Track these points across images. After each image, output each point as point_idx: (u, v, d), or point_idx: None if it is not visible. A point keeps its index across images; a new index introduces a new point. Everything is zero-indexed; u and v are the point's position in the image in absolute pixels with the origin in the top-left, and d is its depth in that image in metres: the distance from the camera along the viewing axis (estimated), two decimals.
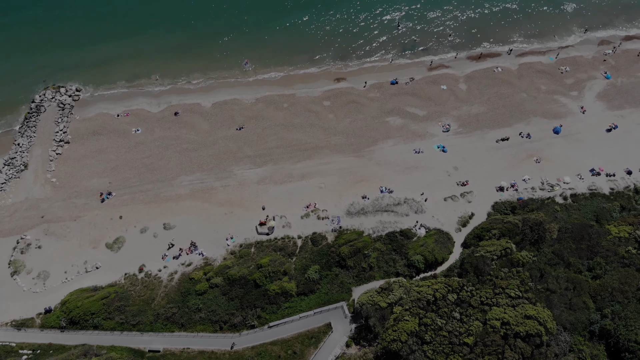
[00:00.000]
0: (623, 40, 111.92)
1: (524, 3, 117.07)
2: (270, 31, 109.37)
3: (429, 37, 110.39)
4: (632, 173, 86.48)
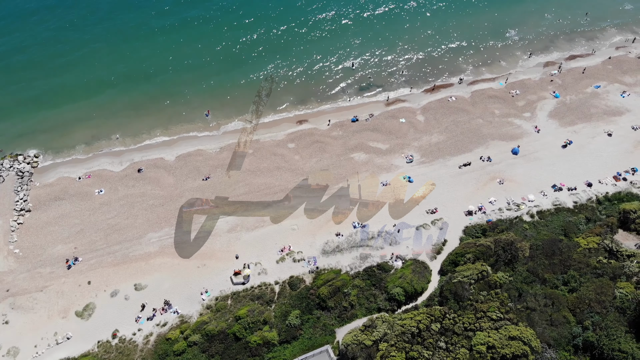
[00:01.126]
0: (566, 60, 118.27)
1: (470, 37, 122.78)
2: (230, 82, 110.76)
3: (384, 75, 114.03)
4: (592, 185, 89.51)
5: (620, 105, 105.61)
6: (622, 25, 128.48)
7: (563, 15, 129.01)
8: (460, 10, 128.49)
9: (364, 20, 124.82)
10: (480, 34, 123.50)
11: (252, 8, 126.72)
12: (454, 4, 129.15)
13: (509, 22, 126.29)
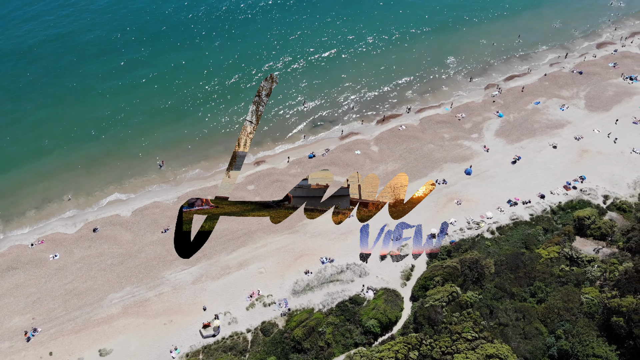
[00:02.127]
0: (505, 81, 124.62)
1: (413, 68, 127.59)
2: (182, 130, 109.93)
3: (335, 112, 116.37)
4: (545, 196, 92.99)
5: (560, 118, 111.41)
6: (553, 43, 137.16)
7: (497, 39, 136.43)
8: (400, 45, 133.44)
9: (311, 63, 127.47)
10: (422, 64, 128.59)
11: (202, 61, 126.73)
12: (394, 41, 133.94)
13: (448, 51, 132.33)
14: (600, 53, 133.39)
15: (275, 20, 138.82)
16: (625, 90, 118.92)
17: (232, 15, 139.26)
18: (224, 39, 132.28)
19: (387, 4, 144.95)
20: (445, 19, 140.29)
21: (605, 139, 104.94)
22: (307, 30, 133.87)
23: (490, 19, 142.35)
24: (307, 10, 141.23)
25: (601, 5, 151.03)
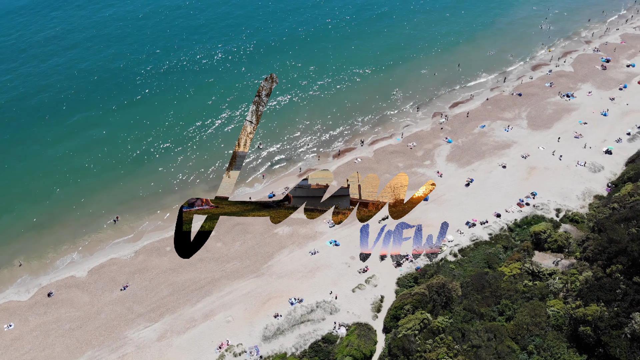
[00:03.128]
0: (451, 108, 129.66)
1: (362, 103, 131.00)
2: (135, 183, 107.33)
3: (291, 150, 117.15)
4: (500, 215, 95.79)
5: (506, 139, 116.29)
6: (491, 69, 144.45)
7: (438, 69, 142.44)
8: (350, 85, 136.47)
9: (266, 109, 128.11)
10: (371, 99, 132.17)
11: (153, 116, 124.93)
12: (344, 82, 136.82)
13: (394, 85, 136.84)
14: (536, 74, 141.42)
15: (227, 70, 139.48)
16: (563, 107, 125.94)
17: (185, 68, 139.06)
18: (176, 91, 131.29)
19: (335, 48, 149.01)
20: (389, 58, 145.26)
21: (551, 155, 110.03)
22: (257, 80, 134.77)
23: (430, 53, 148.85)
24: (257, 60, 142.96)
25: (532, 31, 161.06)
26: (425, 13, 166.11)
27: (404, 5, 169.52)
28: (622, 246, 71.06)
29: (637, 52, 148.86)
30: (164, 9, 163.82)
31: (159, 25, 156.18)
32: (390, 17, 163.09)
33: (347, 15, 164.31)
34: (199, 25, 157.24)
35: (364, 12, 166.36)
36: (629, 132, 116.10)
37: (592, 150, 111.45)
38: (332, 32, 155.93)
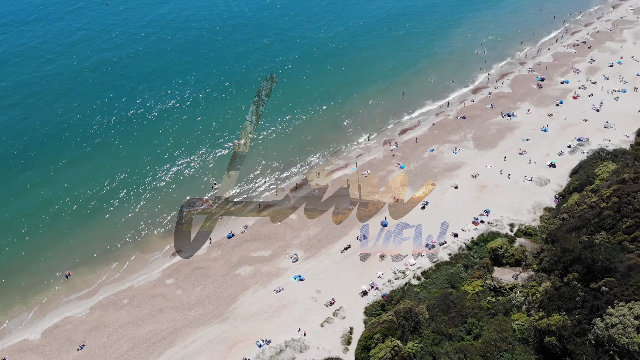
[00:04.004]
0: (400, 135, 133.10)
1: (315, 136, 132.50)
2: (86, 236, 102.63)
3: (249, 188, 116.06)
4: (458, 235, 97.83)
5: (456, 161, 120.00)
6: (435, 95, 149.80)
7: (383, 98, 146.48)
8: (302, 122, 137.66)
9: (222, 155, 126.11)
10: (324, 132, 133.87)
11: (102, 167, 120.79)
12: (296, 120, 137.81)
13: (344, 116, 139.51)
14: (477, 97, 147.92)
15: (179, 117, 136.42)
16: (506, 127, 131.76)
17: (136, 117, 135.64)
18: (127, 141, 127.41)
19: (286, 87, 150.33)
20: (338, 93, 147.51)
21: (499, 173, 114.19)
22: (210, 125, 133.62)
23: (377, 85, 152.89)
24: (209, 105, 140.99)
25: (470, 57, 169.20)
26: (371, 49, 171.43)
27: (352, 43, 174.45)
28: (575, 254, 73.75)
29: (569, 69, 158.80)
30: (109, 60, 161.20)
31: (106, 75, 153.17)
32: (338, 55, 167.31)
33: (295, 55, 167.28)
34: (148, 73, 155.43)
35: (312, 52, 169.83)
36: (569, 145, 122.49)
37: (537, 164, 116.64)
38: (282, 72, 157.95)
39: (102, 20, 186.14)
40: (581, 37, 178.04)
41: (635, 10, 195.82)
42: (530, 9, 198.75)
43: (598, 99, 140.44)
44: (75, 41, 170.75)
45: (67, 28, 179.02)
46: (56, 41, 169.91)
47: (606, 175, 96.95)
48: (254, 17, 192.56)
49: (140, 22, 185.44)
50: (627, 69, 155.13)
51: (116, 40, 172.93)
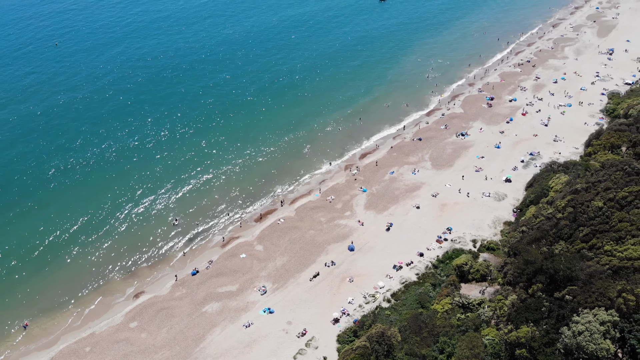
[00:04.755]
0: (360, 159, 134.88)
1: (275, 163, 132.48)
2: (41, 281, 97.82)
3: (211, 221, 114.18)
4: (423, 254, 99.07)
5: (415, 181, 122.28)
6: (391, 119, 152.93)
7: (342, 125, 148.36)
8: (262, 149, 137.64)
9: (183, 194, 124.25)
10: (285, 160, 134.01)
11: (66, 204, 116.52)
12: (255, 148, 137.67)
13: (304, 143, 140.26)
14: (432, 119, 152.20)
15: (139, 158, 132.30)
16: (461, 146, 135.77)
17: (93, 160, 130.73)
18: (85, 184, 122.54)
19: (245, 119, 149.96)
20: (297, 122, 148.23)
21: (458, 190, 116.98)
22: (171, 164, 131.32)
23: (334, 112, 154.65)
24: (168, 143, 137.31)
25: (421, 80, 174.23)
26: (329, 79, 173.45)
27: (310, 74, 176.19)
28: (537, 266, 75.74)
29: (516, 87, 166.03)
30: (63, 103, 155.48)
31: (60, 118, 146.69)
32: (297, 87, 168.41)
33: (254, 88, 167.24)
34: (103, 113, 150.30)
35: (272, 85, 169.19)
36: (522, 160, 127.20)
37: (494, 180, 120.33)
38: (242, 105, 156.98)
39: (53, 63, 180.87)
40: (525, 57, 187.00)
41: (575, 28, 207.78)
42: (475, 33, 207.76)
43: (546, 115, 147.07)
44: (27, 85, 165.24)
45: (17, 73, 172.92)
46: (6, 87, 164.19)
47: (560, 187, 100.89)
48: (211, 52, 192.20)
49: (93, 63, 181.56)
50: (571, 84, 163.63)
51: (69, 82, 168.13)
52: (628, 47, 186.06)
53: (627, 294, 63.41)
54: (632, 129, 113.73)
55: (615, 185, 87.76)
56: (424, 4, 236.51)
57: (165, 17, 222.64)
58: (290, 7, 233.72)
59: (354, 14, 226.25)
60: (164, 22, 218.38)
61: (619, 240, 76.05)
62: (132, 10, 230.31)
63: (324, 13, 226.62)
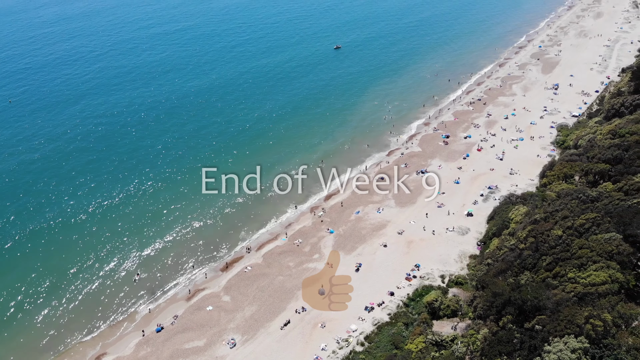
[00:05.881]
0: (325, 201, 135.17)
1: (239, 208, 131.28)
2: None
3: (175, 274, 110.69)
4: (394, 293, 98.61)
5: (381, 220, 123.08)
6: (352, 161, 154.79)
7: (306, 170, 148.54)
8: (223, 197, 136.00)
9: (144, 250, 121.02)
10: (248, 205, 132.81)
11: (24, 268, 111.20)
12: (221, 197, 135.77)
13: (269, 189, 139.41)
14: (392, 159, 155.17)
15: (99, 217, 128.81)
16: (421, 183, 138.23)
17: (52, 222, 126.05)
18: (48, 248, 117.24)
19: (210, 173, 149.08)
20: (254, 167, 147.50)
21: (423, 227, 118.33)
22: (140, 221, 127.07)
23: (296, 157, 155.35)
24: (137, 202, 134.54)
25: (380, 123, 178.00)
26: (293, 128, 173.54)
27: (275, 124, 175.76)
28: (505, 297, 76.49)
29: (469, 125, 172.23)
30: (21, 163, 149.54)
31: (19, 180, 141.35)
32: (262, 137, 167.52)
33: (217, 140, 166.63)
34: (64, 173, 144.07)
35: (237, 136, 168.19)
36: (482, 194, 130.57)
37: (456, 215, 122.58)
38: (207, 157, 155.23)
39: (9, 123, 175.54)
40: (476, 96, 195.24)
41: (520, 66, 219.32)
42: (428, 76, 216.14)
43: (500, 149, 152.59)
44: None
45: None
46: None
47: (519, 218, 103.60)
48: (176, 105, 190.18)
49: (51, 122, 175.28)
50: (521, 119, 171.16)
51: (27, 142, 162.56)
52: (572, 81, 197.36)
53: (595, 320, 64.52)
54: (582, 158, 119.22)
55: (572, 213, 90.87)
56: (379, 52, 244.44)
57: (126, 72, 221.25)
58: (254, 58, 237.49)
59: (314, 63, 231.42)
60: (125, 77, 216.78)
61: (581, 267, 78.03)
62: (92, 66, 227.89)
63: (286, 64, 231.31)
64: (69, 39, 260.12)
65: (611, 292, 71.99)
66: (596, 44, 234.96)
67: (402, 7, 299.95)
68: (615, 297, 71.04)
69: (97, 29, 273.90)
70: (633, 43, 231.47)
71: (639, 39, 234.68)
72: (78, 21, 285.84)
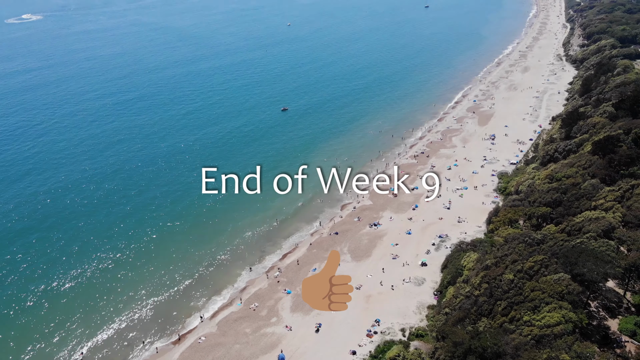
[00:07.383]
0: (281, 260, 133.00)
1: (191, 275, 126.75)
2: None
3: (120, 353, 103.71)
4: (356, 352, 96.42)
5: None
6: (306, 217, 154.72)
7: (257, 227, 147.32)
8: (174, 257, 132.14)
9: (87, 317, 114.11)
10: (200, 269, 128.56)
11: None
12: (166, 261, 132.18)
13: (220, 251, 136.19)
14: (345, 213, 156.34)
15: (55, 295, 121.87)
16: (375, 235, 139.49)
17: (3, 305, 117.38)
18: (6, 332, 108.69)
19: (152, 240, 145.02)
20: (207, 232, 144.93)
21: (379, 280, 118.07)
22: (95, 295, 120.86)
23: (246, 217, 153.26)
24: (93, 276, 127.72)
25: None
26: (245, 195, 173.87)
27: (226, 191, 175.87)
28: (466, 346, 76.38)
29: (415, 177, 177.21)
30: None
31: None
32: (212, 200, 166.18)
33: (167, 209, 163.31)
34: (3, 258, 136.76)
35: (186, 197, 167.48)
36: (433, 243, 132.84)
37: (411, 266, 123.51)
38: (152, 225, 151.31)
39: None
40: (419, 149, 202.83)
41: (458, 120, 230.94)
42: (370, 131, 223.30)
43: (446, 199, 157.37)
44: None
45: None
46: None
47: (472, 265, 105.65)
48: (126, 176, 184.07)
49: None
50: (464, 169, 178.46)
51: None
52: (507, 131, 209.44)
53: None
54: (524, 203, 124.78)
55: (520, 257, 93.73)
56: (328, 116, 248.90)
57: (74, 145, 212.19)
58: (204, 126, 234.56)
59: (266, 127, 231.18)
60: (72, 150, 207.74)
61: (534, 309, 79.63)
62: (37, 140, 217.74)
63: (237, 129, 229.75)
64: (10, 114, 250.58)
65: (566, 332, 73.54)
66: (526, 96, 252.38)
67: (349, 72, 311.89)
68: (571, 337, 72.57)
69: (40, 102, 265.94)
70: (560, 93, 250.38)
71: (565, 89, 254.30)
72: (21, 95, 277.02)
